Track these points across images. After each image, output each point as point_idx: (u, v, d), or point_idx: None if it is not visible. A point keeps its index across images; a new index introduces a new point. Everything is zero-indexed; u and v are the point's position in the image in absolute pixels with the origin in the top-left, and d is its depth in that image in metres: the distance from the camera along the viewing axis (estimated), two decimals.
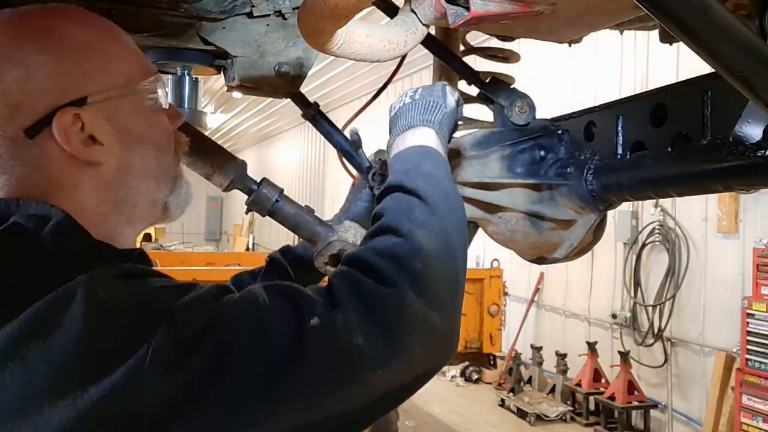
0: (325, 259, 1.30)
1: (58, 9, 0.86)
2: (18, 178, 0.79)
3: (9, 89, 0.77)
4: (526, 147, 1.34)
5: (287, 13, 1.50)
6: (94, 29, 0.86)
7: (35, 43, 0.80)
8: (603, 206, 1.27)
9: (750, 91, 0.75)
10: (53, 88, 0.79)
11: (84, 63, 0.82)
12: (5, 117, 0.77)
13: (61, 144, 0.79)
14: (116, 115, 0.84)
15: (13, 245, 0.72)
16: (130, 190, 0.85)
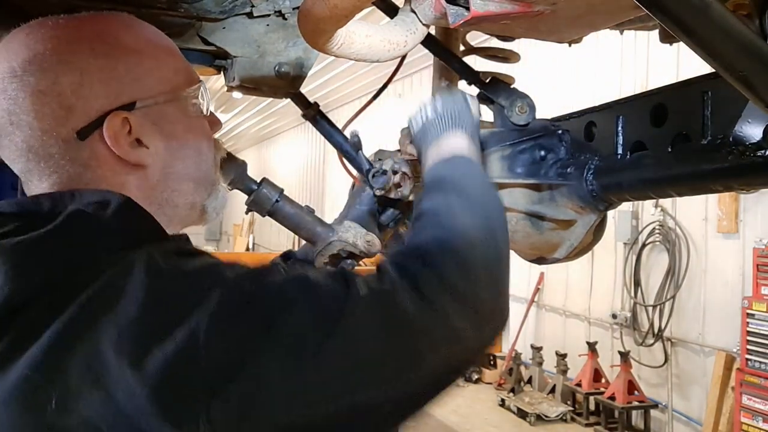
0: (325, 259, 1.30)
1: (111, 16, 0.90)
2: (69, 176, 0.83)
3: (64, 92, 0.81)
4: (527, 147, 1.34)
5: (287, 13, 1.50)
6: (144, 36, 0.90)
7: (90, 49, 0.83)
8: (603, 206, 1.27)
9: (750, 91, 0.75)
10: (105, 92, 0.83)
11: (134, 68, 0.85)
12: (60, 118, 0.81)
13: (110, 146, 0.83)
14: (162, 119, 0.87)
15: (79, 227, 0.76)
16: (172, 192, 0.89)
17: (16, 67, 0.81)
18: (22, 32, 0.85)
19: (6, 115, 0.81)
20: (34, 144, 0.82)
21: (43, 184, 0.84)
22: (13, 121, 0.81)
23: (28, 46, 0.82)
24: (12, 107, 0.81)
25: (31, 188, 0.85)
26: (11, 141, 0.82)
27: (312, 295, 0.74)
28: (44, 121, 0.81)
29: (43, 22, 0.86)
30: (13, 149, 0.83)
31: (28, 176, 0.84)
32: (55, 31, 0.84)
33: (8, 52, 0.83)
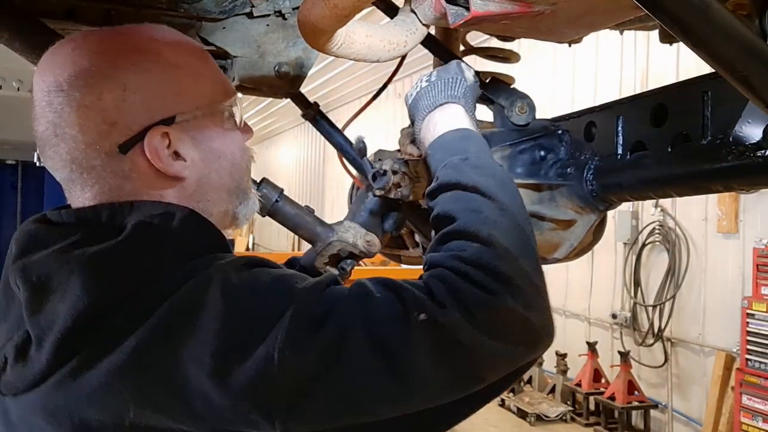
0: (325, 259, 1.30)
1: (152, 29, 0.92)
2: (110, 187, 0.86)
3: (108, 107, 0.84)
4: (526, 147, 1.34)
5: (287, 13, 1.50)
6: (184, 50, 0.92)
7: (132, 64, 0.86)
8: (603, 206, 1.27)
9: (750, 91, 0.75)
10: (146, 107, 0.85)
11: (174, 84, 0.88)
12: (103, 133, 0.84)
13: (150, 159, 0.85)
14: (199, 133, 0.90)
15: (148, 238, 0.80)
16: (207, 201, 0.92)
17: (62, 82, 0.84)
18: (68, 46, 0.87)
19: (51, 127, 0.84)
20: (77, 156, 0.85)
21: (85, 193, 0.87)
22: (58, 133, 0.84)
23: (73, 61, 0.85)
24: (57, 120, 0.84)
25: (72, 196, 0.88)
26: (55, 152, 0.85)
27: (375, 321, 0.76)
28: (88, 134, 0.84)
29: (88, 36, 0.89)
30: (57, 159, 0.86)
31: (71, 185, 0.88)
32: (99, 45, 0.87)
33: (54, 66, 0.86)
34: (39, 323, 0.76)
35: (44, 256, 0.80)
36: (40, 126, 0.86)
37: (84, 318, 0.74)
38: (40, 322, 0.76)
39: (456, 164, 0.96)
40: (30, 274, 0.79)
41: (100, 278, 0.76)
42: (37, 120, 0.86)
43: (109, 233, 0.80)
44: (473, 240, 0.84)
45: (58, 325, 0.74)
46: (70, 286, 0.75)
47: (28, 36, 1.34)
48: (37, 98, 0.86)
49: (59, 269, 0.78)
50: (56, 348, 0.74)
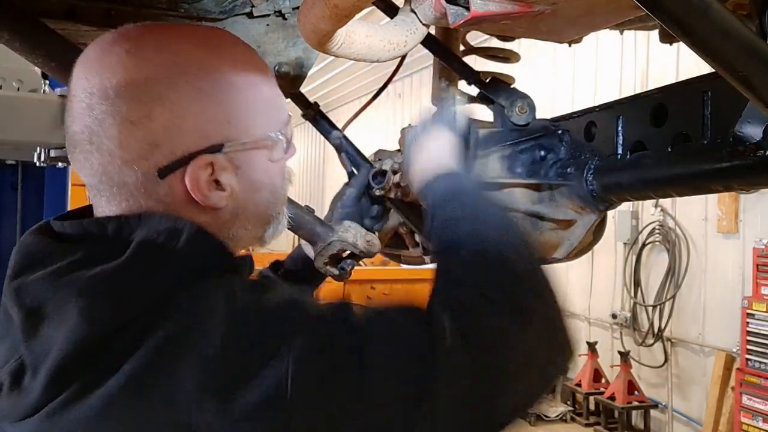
0: (325, 259, 1.30)
1: (218, 39, 0.84)
2: (139, 207, 0.79)
3: (155, 128, 0.77)
4: (527, 147, 1.35)
5: (287, 13, 1.50)
6: (248, 70, 0.84)
7: (190, 84, 0.78)
8: (603, 206, 1.27)
9: (750, 91, 0.75)
10: (196, 133, 0.78)
11: (231, 109, 0.81)
12: (144, 153, 0.77)
13: (188, 188, 0.79)
14: (245, 163, 0.83)
15: (151, 259, 0.75)
16: (238, 230, 0.86)
17: (109, 89, 0.76)
18: (122, 47, 0.79)
19: (87, 132, 0.77)
20: (110, 170, 0.78)
21: (111, 207, 0.80)
22: (94, 141, 0.77)
23: (125, 68, 0.77)
24: (96, 128, 0.77)
25: (97, 205, 0.82)
26: (87, 159, 0.78)
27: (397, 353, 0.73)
28: (127, 151, 0.77)
29: (145, 38, 0.80)
30: (87, 166, 0.79)
31: (97, 194, 0.81)
32: (157, 54, 0.79)
33: (103, 67, 0.77)
34: (34, 350, 0.71)
35: (41, 278, 0.74)
36: (74, 125, 0.79)
37: (80, 347, 0.69)
38: (35, 349, 0.71)
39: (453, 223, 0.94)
40: (24, 297, 0.74)
41: (99, 305, 0.71)
42: (72, 117, 0.79)
43: (113, 251, 0.74)
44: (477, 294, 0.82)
45: (53, 354, 0.69)
46: (67, 313, 0.70)
47: (28, 36, 1.34)
48: (77, 95, 0.78)
49: (55, 293, 0.72)
50: (51, 378, 0.69)
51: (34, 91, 3.13)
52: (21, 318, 0.73)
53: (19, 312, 0.73)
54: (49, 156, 3.07)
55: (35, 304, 0.73)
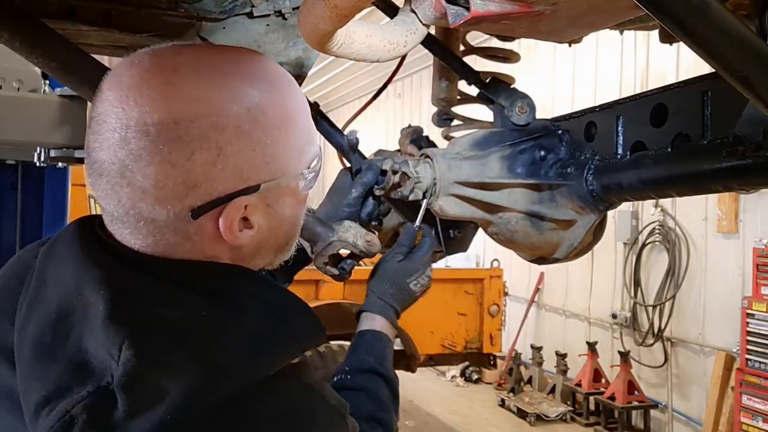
0: (324, 259, 1.30)
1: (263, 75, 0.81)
2: (166, 244, 0.77)
3: (194, 170, 0.73)
4: (527, 147, 1.34)
5: (287, 13, 1.50)
6: (290, 107, 0.82)
7: (236, 127, 0.75)
8: (603, 206, 1.27)
9: (750, 91, 0.74)
10: (236, 175, 0.76)
11: (270, 150, 0.78)
12: (179, 194, 0.74)
13: (221, 229, 0.77)
14: (275, 201, 0.82)
15: (269, 327, 0.77)
16: (257, 260, 0.86)
17: (150, 126, 0.72)
18: (162, 77, 0.74)
19: (118, 165, 0.73)
20: (140, 206, 0.74)
21: (135, 240, 0.77)
22: (126, 176, 0.73)
23: (168, 104, 0.73)
24: (130, 163, 0.72)
25: (117, 231, 0.78)
26: (114, 191, 0.74)
27: None
28: (162, 191, 0.73)
29: (188, 70, 0.76)
30: (113, 197, 0.75)
31: (119, 224, 0.77)
32: (201, 90, 0.74)
33: (143, 99, 0.73)
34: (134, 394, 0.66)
35: (154, 318, 0.71)
36: (103, 153, 0.73)
37: (196, 405, 0.67)
38: (137, 394, 0.66)
39: (381, 361, 1.17)
40: (139, 340, 0.68)
41: (219, 371, 0.69)
42: (99, 143, 0.74)
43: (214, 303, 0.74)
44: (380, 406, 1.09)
45: (166, 403, 0.66)
46: (189, 368, 0.68)
47: (28, 36, 1.34)
48: (108, 121, 0.73)
49: (175, 346, 0.69)
50: (159, 426, 0.65)
51: (34, 91, 3.13)
52: (135, 357, 0.67)
53: (133, 350, 0.67)
54: (49, 156, 3.07)
55: (157, 349, 0.68)
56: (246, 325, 0.74)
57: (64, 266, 0.78)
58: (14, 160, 3.59)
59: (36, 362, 0.73)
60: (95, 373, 0.68)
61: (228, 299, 0.76)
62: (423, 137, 1.62)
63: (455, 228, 1.57)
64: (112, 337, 0.68)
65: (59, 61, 1.38)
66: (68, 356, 0.70)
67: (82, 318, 0.72)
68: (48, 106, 2.92)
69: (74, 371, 0.69)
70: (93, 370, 0.68)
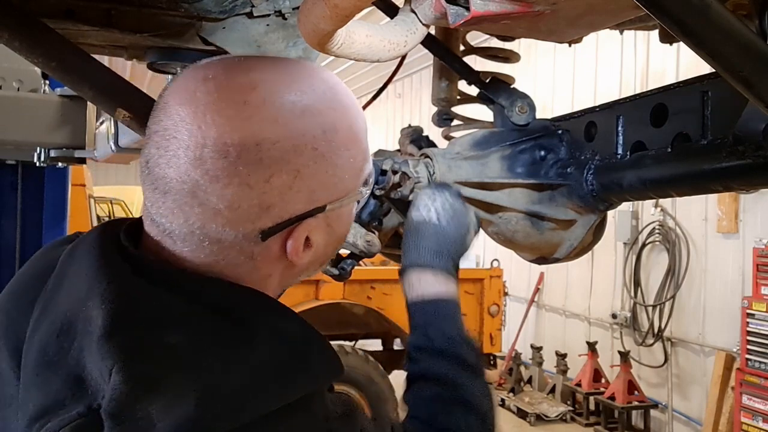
0: None
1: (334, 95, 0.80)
2: (226, 263, 0.74)
3: (271, 192, 0.72)
4: (527, 147, 1.34)
5: (287, 13, 1.50)
6: (356, 126, 0.81)
7: (313, 149, 0.74)
8: (603, 206, 1.27)
9: (750, 91, 0.75)
10: (308, 197, 0.75)
11: (339, 171, 0.77)
12: (251, 216, 0.72)
13: (288, 252, 0.76)
14: (336, 221, 0.80)
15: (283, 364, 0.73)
16: (302, 275, 0.84)
17: (230, 148, 0.69)
18: (240, 95, 0.72)
19: (190, 183, 0.70)
20: (210, 227, 0.71)
21: (193, 257, 0.74)
22: (198, 196, 0.70)
23: (250, 126, 0.71)
24: (204, 183, 0.70)
25: (168, 246, 0.74)
26: (181, 209, 0.71)
27: None
28: (235, 213, 0.71)
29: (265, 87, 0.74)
30: (179, 216, 0.72)
31: (179, 242, 0.73)
32: (281, 112, 0.73)
33: (222, 118, 0.70)
34: (121, 423, 0.62)
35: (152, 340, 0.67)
36: (170, 170, 0.70)
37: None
38: (124, 422, 0.62)
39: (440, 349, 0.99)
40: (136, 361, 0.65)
41: (216, 406, 0.64)
42: (168, 159, 0.71)
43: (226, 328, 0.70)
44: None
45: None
46: (182, 400, 0.63)
47: (28, 36, 1.34)
48: (181, 137, 0.70)
49: (172, 371, 0.65)
50: None
51: (34, 91, 3.13)
52: (125, 383, 0.63)
53: (124, 375, 0.64)
54: (49, 156, 3.07)
55: (147, 375, 0.64)
56: (256, 355, 0.69)
57: (79, 272, 0.75)
58: (14, 160, 3.59)
59: (37, 371, 0.71)
60: (90, 391, 0.66)
61: (243, 326, 0.71)
62: (423, 137, 1.62)
63: None
64: (105, 357, 0.65)
65: (59, 61, 1.38)
66: (68, 370, 0.68)
67: (84, 331, 0.69)
68: (48, 106, 2.92)
69: (72, 386, 0.67)
70: (88, 389, 0.66)
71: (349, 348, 5.33)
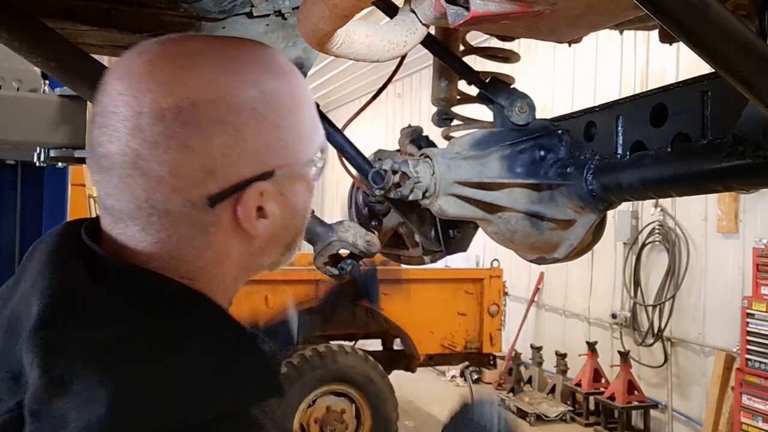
0: (324, 259, 1.30)
1: (273, 61, 0.80)
2: (179, 238, 0.73)
3: (212, 153, 0.71)
4: (526, 147, 1.34)
5: (287, 13, 1.50)
6: (299, 92, 0.81)
7: (252, 108, 0.74)
8: (603, 206, 1.27)
9: (750, 91, 0.74)
10: (253, 159, 0.74)
11: (284, 133, 0.77)
12: (196, 180, 0.71)
13: (239, 218, 0.74)
14: (289, 189, 0.79)
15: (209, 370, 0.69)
16: (265, 257, 0.82)
17: (165, 110, 0.70)
18: (174, 62, 0.73)
19: (131, 155, 0.70)
20: (156, 197, 0.71)
21: (146, 236, 0.73)
22: (140, 165, 0.70)
23: (184, 88, 0.71)
24: (144, 152, 0.70)
25: (123, 231, 0.74)
26: (125, 183, 0.71)
27: None
28: (178, 179, 0.71)
29: (199, 53, 0.75)
30: (124, 191, 0.71)
31: (129, 221, 0.73)
32: (216, 75, 0.73)
33: (156, 84, 0.71)
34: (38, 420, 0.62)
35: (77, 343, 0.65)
36: (111, 145, 0.71)
37: None
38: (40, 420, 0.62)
39: None
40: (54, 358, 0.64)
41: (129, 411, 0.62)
42: (109, 136, 0.71)
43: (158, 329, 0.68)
44: None
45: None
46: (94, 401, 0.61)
47: (27, 36, 1.34)
48: (118, 111, 0.71)
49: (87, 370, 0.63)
50: None
51: (34, 91, 3.13)
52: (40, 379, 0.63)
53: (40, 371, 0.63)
54: (48, 156, 3.07)
55: (62, 374, 0.63)
56: (180, 362, 0.67)
57: (32, 269, 0.74)
58: (14, 160, 3.59)
59: None
60: (23, 387, 0.65)
61: (173, 330, 0.69)
62: (423, 137, 1.62)
63: (455, 228, 1.57)
64: (28, 353, 0.64)
65: (59, 61, 1.38)
66: (10, 365, 0.67)
67: (23, 327, 0.68)
68: (48, 106, 2.92)
69: (10, 381, 0.67)
70: (23, 384, 0.65)
71: (348, 348, 5.34)
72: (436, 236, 1.60)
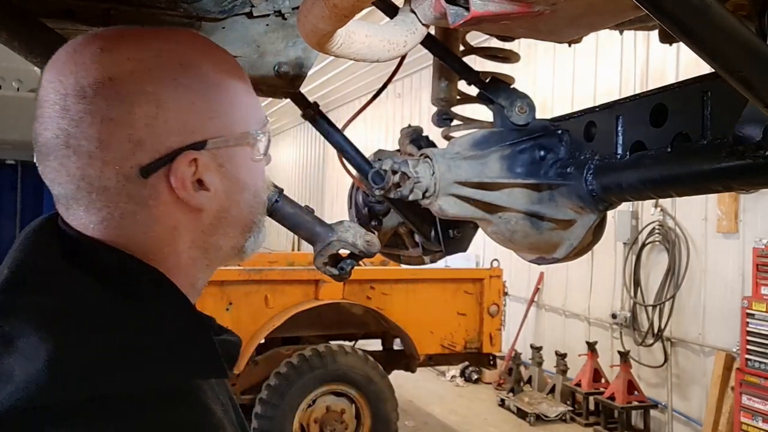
0: (324, 259, 1.30)
1: (192, 39, 0.83)
2: (121, 213, 0.76)
3: (137, 124, 0.74)
4: (526, 147, 1.34)
5: (287, 13, 1.50)
6: (226, 68, 0.84)
7: (172, 79, 0.77)
8: (603, 206, 1.27)
9: (750, 91, 0.74)
10: (179, 128, 0.76)
11: (213, 104, 0.80)
12: (125, 152, 0.74)
13: (174, 187, 0.76)
14: (228, 162, 0.81)
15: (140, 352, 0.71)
16: (221, 236, 0.84)
17: (86, 87, 0.73)
18: (95, 45, 0.76)
19: (62, 136, 0.73)
20: (90, 173, 0.74)
21: (91, 216, 0.76)
22: (71, 144, 0.73)
23: (103, 65, 0.74)
24: (73, 130, 0.73)
25: (72, 215, 0.77)
26: (62, 164, 0.74)
27: None
28: (108, 152, 0.73)
29: (121, 37, 0.79)
30: (62, 173, 0.75)
31: (73, 204, 0.76)
32: (134, 53, 0.76)
33: (77, 66, 0.75)
34: None
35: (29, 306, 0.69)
36: (46, 131, 0.74)
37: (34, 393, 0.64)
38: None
39: None
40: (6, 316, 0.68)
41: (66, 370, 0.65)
42: (43, 123, 0.75)
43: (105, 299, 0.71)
44: None
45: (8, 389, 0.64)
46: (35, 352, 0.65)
47: (27, 36, 1.34)
48: (48, 98, 0.74)
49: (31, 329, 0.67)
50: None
51: (34, 91, 3.13)
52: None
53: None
54: None
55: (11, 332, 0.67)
56: (122, 330, 0.70)
57: (12, 248, 0.79)
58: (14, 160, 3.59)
59: None
60: None
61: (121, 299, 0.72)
62: (423, 137, 1.62)
63: (455, 228, 1.57)
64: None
65: None
66: None
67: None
68: None
69: None
70: None
71: (348, 348, 5.34)
72: (436, 236, 1.60)
